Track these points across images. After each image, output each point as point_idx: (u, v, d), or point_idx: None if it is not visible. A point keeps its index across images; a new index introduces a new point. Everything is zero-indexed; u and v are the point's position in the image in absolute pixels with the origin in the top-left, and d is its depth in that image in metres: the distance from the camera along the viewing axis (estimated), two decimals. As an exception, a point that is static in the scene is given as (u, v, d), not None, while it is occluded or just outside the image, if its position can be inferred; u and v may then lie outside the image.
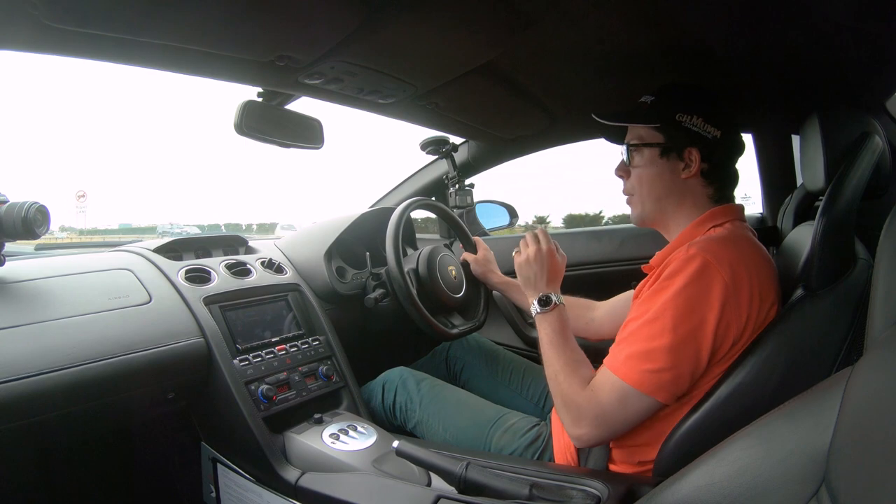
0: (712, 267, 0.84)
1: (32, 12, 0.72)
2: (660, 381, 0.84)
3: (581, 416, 0.89)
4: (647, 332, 0.85)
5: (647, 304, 0.88)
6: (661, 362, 0.84)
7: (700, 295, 0.84)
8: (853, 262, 0.87)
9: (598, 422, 0.88)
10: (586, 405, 0.89)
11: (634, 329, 0.88)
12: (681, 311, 0.84)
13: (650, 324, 0.86)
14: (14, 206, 0.90)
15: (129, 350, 0.96)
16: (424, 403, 1.23)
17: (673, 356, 0.84)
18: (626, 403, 0.86)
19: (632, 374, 0.85)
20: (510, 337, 1.75)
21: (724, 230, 0.94)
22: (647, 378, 0.84)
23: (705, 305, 0.84)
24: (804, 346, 0.85)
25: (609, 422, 0.88)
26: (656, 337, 0.84)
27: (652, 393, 0.85)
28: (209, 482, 1.15)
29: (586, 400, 0.89)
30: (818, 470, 0.49)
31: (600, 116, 1.03)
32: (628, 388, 0.85)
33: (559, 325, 1.00)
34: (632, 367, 0.85)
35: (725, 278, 0.84)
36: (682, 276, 0.85)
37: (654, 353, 0.84)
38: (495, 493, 0.80)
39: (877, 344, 0.57)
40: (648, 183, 1.00)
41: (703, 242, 0.89)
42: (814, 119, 0.92)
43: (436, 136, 1.78)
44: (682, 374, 0.85)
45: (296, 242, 1.52)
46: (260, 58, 0.97)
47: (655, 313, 0.86)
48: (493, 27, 0.94)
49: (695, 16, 0.90)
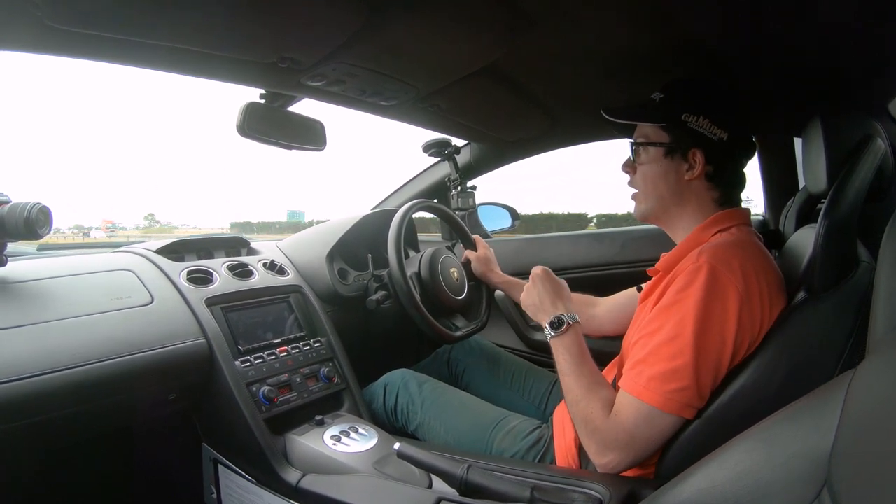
0: (724, 276, 0.84)
1: (35, 13, 0.72)
2: (685, 399, 0.83)
3: (607, 444, 0.87)
4: (668, 351, 0.84)
5: (660, 320, 0.87)
6: (685, 381, 0.83)
7: (717, 307, 0.83)
8: (855, 265, 0.86)
9: (625, 448, 0.86)
10: (612, 432, 0.87)
11: (653, 348, 0.86)
12: (700, 326, 0.83)
13: (669, 343, 0.84)
14: (16, 207, 0.91)
15: (131, 351, 0.96)
16: (426, 405, 1.22)
17: (695, 372, 0.83)
18: (653, 426, 0.85)
19: (656, 397, 0.84)
20: (512, 339, 1.75)
21: (730, 235, 0.94)
22: (673, 398, 0.83)
23: (723, 317, 0.83)
24: (806, 349, 0.84)
25: (637, 447, 0.86)
26: (677, 356, 0.83)
27: (678, 412, 0.84)
28: (210, 483, 1.15)
29: (612, 427, 0.87)
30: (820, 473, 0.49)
31: (608, 112, 1.02)
32: (654, 411, 0.84)
33: (576, 349, 0.97)
34: (655, 389, 0.84)
35: (738, 287, 0.83)
36: (695, 289, 0.84)
37: (676, 372, 0.83)
38: (497, 495, 0.80)
39: (879, 347, 0.56)
40: (652, 181, 1.00)
41: (711, 250, 0.88)
42: (816, 121, 0.92)
43: (438, 139, 1.79)
44: (704, 386, 0.84)
45: (298, 244, 1.53)
46: (262, 59, 0.97)
47: (673, 330, 0.84)
48: (495, 29, 0.94)
49: (697, 17, 0.90)
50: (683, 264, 0.90)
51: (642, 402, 0.85)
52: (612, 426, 0.87)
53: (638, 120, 1.02)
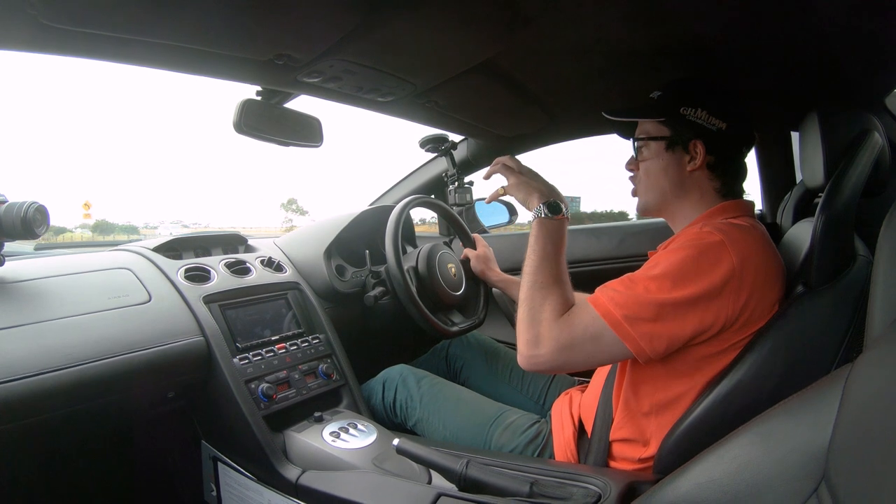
0: (725, 247, 0.84)
1: (30, 11, 0.72)
2: (638, 331, 0.83)
3: (545, 338, 0.88)
4: (643, 285, 0.85)
5: (651, 263, 0.89)
6: (645, 313, 0.83)
7: (706, 267, 0.84)
8: (852, 259, 0.87)
9: (560, 350, 0.87)
10: (556, 330, 0.87)
11: (630, 277, 0.88)
12: (682, 276, 0.84)
13: (649, 280, 0.85)
14: (13, 206, 0.90)
15: (130, 349, 0.96)
16: (425, 401, 1.23)
17: (659, 312, 0.83)
18: (597, 342, 0.85)
19: (613, 315, 0.84)
20: (510, 334, 1.75)
21: (740, 222, 0.94)
22: (627, 323, 0.84)
23: (707, 279, 0.83)
24: (804, 343, 0.85)
25: (571, 353, 0.87)
26: (651, 291, 0.84)
27: (625, 339, 0.84)
28: (210, 481, 1.15)
29: (558, 325, 0.87)
30: (818, 467, 0.49)
31: (609, 113, 1.04)
32: (605, 328, 0.84)
33: (558, 239, 0.97)
34: (615, 309, 0.84)
35: (734, 261, 0.84)
36: (694, 247, 0.86)
37: (642, 303, 0.84)
38: (496, 490, 0.80)
39: (876, 341, 0.57)
40: (654, 175, 1.01)
41: (721, 225, 0.89)
42: (813, 116, 0.92)
43: (435, 134, 1.78)
44: (660, 334, 0.84)
45: (295, 241, 1.52)
46: (258, 56, 0.97)
47: (658, 272, 0.85)
48: (492, 25, 0.94)
49: (694, 13, 0.90)
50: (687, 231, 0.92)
51: (597, 314, 0.85)
52: (559, 324, 0.88)
53: (637, 117, 1.03)
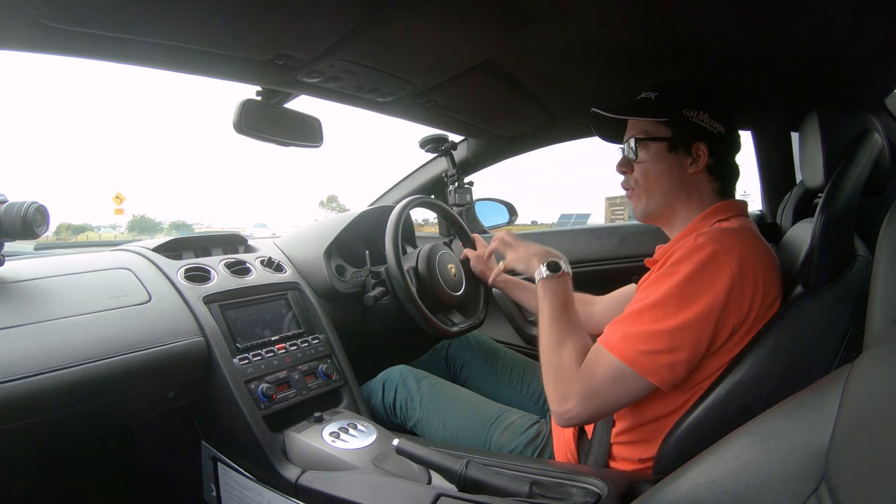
0: (721, 256, 0.84)
1: (30, 11, 0.72)
2: (657, 363, 0.83)
3: (571, 392, 0.87)
4: (650, 315, 0.85)
5: (651, 289, 0.88)
6: (661, 345, 0.83)
7: (707, 282, 0.83)
8: (852, 259, 0.87)
9: (588, 399, 0.86)
10: (579, 382, 0.87)
11: (636, 310, 0.87)
12: (686, 296, 0.83)
13: (653, 308, 0.85)
14: (13, 206, 0.90)
15: (129, 349, 0.96)
16: (424, 401, 1.23)
17: (673, 340, 0.83)
18: (620, 383, 0.85)
19: (628, 353, 0.84)
20: (510, 335, 1.75)
21: (731, 224, 0.94)
22: (645, 359, 0.83)
23: (711, 293, 0.83)
24: (804, 343, 0.85)
25: (599, 402, 0.86)
26: (658, 320, 0.84)
27: (647, 374, 0.83)
28: (210, 481, 1.15)
29: (581, 376, 0.87)
30: (818, 467, 0.49)
31: (603, 110, 1.02)
32: (624, 369, 0.84)
33: (564, 295, 0.99)
34: (629, 347, 0.84)
35: (733, 268, 0.83)
36: (689, 263, 0.85)
37: (654, 335, 0.83)
38: (495, 490, 0.80)
39: (876, 341, 0.57)
40: (655, 177, 1.00)
41: (712, 232, 0.89)
42: (813, 116, 0.92)
43: (435, 134, 1.78)
44: (680, 361, 0.83)
45: (295, 241, 1.52)
46: (258, 56, 0.97)
47: (660, 297, 0.85)
48: (492, 24, 0.94)
49: (694, 13, 0.90)
50: (681, 243, 0.91)
51: (613, 356, 0.85)
52: (580, 375, 0.87)
53: (638, 116, 1.01)
